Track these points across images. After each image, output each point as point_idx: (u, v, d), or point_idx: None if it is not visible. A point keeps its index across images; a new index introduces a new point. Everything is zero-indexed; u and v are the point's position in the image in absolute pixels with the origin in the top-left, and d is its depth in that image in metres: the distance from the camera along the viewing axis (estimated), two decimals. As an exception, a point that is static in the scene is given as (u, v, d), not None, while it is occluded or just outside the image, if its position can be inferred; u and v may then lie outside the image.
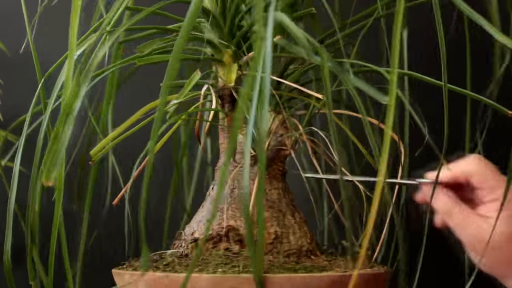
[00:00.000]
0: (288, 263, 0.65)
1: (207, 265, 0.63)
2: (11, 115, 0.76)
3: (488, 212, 0.65)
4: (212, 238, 0.68)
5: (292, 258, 0.68)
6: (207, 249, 0.68)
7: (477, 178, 0.66)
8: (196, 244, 0.69)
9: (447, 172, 0.66)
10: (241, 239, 0.68)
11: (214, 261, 0.64)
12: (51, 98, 0.66)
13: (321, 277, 0.61)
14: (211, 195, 0.74)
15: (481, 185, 0.66)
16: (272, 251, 0.67)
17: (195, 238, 0.70)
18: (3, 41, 1.08)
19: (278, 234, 0.69)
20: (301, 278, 0.60)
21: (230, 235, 0.68)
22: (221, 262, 0.63)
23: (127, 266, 0.71)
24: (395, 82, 0.58)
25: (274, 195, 0.72)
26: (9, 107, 0.77)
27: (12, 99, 0.79)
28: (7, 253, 0.67)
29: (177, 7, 0.81)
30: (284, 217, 0.71)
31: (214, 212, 0.69)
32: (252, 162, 0.73)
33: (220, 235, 0.68)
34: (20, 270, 0.71)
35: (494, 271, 0.66)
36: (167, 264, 0.66)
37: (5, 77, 1.08)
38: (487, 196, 0.66)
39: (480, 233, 0.64)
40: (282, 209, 0.71)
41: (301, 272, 0.62)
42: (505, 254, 0.64)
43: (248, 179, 0.51)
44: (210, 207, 0.72)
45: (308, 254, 0.70)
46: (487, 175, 0.65)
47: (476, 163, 0.66)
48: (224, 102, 0.76)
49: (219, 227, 0.69)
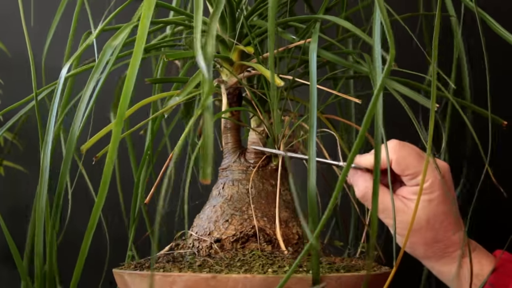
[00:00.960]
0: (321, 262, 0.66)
1: (250, 266, 0.62)
2: (11, 115, 0.71)
3: (408, 194, 0.67)
4: (240, 239, 0.68)
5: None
6: (236, 250, 0.67)
7: (396, 165, 0.66)
8: (221, 244, 0.68)
9: (368, 157, 0.67)
10: (270, 240, 0.68)
11: (255, 261, 0.63)
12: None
13: (362, 276, 0.63)
14: (222, 195, 0.72)
15: (401, 172, 0.66)
16: (299, 251, 0.68)
17: (218, 238, 0.68)
18: (3, 41, 1.07)
19: (300, 235, 0.70)
20: (347, 277, 0.62)
21: (260, 236, 0.68)
22: (266, 263, 0.63)
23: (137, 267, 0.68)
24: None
25: (288, 196, 0.73)
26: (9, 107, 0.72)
27: (12, 99, 0.73)
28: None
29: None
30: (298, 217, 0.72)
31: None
32: (265, 162, 0.73)
33: (248, 235, 0.68)
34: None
35: (414, 252, 0.68)
36: (201, 265, 0.64)
37: (5, 77, 1.08)
38: (409, 181, 0.67)
39: (397, 215, 0.65)
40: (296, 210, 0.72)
41: (342, 271, 0.64)
42: (424, 236, 0.66)
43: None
44: (226, 207, 0.71)
45: (321, 254, 0.72)
46: (406, 162, 0.65)
47: (395, 150, 0.66)
48: (231, 101, 0.75)
49: (242, 227, 0.68)
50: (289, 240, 0.69)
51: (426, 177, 0.65)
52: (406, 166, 0.65)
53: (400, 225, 0.66)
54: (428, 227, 0.65)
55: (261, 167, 0.73)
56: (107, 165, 0.52)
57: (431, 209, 0.65)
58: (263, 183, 0.72)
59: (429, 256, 0.67)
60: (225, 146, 0.75)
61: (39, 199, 0.59)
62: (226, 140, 0.75)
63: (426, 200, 0.65)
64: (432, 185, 0.65)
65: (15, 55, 1.06)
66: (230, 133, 0.75)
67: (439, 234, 0.66)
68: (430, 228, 0.65)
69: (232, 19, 0.74)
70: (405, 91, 0.63)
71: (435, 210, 0.65)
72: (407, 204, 0.66)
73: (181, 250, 0.71)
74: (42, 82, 0.70)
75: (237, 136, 0.75)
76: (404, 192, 0.67)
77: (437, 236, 0.66)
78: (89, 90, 0.60)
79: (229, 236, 0.68)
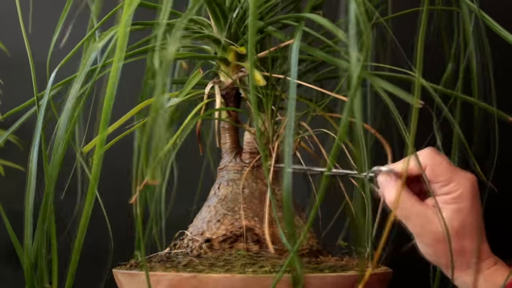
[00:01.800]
0: (310, 262, 0.66)
1: (233, 266, 0.62)
2: (11, 115, 0.73)
3: (438, 204, 0.66)
4: (228, 238, 0.68)
5: (305, 258, 0.68)
6: (224, 249, 0.67)
7: (429, 171, 0.66)
8: (211, 244, 0.68)
9: (400, 164, 0.67)
10: (259, 239, 0.67)
11: (238, 261, 0.63)
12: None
13: (349, 276, 0.62)
14: (217, 195, 0.73)
15: (433, 178, 0.66)
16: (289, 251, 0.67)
17: (208, 238, 0.68)
18: (3, 41, 1.07)
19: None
20: (332, 278, 0.61)
21: (248, 236, 0.68)
22: (248, 263, 0.63)
23: (132, 266, 0.69)
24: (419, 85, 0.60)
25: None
26: (9, 107, 0.74)
27: (12, 99, 0.76)
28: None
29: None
30: (293, 218, 0.71)
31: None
32: (259, 162, 0.73)
33: (237, 235, 0.68)
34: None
35: (439, 261, 0.68)
36: (186, 264, 0.65)
37: (5, 77, 1.08)
38: (439, 189, 0.67)
39: (426, 224, 0.66)
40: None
41: (327, 271, 0.63)
42: (452, 245, 0.65)
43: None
44: (219, 207, 0.71)
45: (317, 254, 0.71)
46: (439, 168, 0.66)
47: (430, 156, 0.66)
48: (228, 101, 0.75)
49: (232, 227, 0.68)
50: (279, 240, 0.68)
51: (456, 187, 0.66)
52: (439, 173, 0.66)
53: (428, 235, 0.66)
54: (457, 236, 0.65)
55: (256, 167, 0.73)
56: (94, 169, 0.53)
57: (460, 218, 0.65)
58: (257, 183, 0.72)
59: (455, 266, 0.67)
60: (223, 146, 0.76)
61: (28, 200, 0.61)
62: (224, 140, 0.75)
63: (456, 209, 0.66)
64: (461, 195, 0.66)
65: (15, 55, 1.05)
66: (228, 133, 0.75)
67: (466, 243, 0.66)
68: (459, 237, 0.66)
69: (225, 20, 0.74)
70: (388, 87, 0.61)
71: (464, 220, 0.65)
72: (435, 213, 0.66)
73: (177, 250, 0.71)
74: (43, 82, 0.71)
75: (235, 136, 0.75)
76: (434, 201, 0.67)
77: (465, 246, 0.66)
78: (74, 93, 0.62)
79: (219, 236, 0.68)
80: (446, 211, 0.65)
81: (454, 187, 0.65)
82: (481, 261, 0.68)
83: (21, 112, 0.72)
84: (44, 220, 0.63)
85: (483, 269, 0.68)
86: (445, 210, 0.65)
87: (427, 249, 0.67)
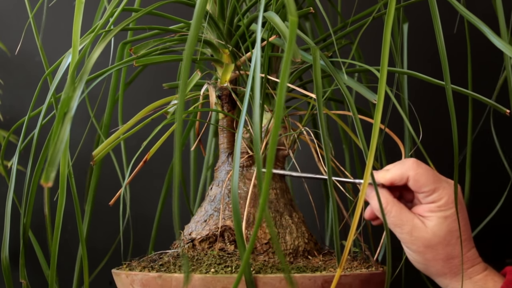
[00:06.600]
0: (292, 262, 0.65)
1: (200, 265, 0.63)
2: (11, 115, 0.77)
3: (424, 212, 0.67)
4: (208, 238, 0.69)
5: (288, 258, 0.68)
6: (203, 249, 0.68)
7: (413, 183, 0.67)
8: (193, 244, 0.69)
9: (384, 173, 0.68)
10: (235, 239, 0.68)
11: (208, 261, 0.64)
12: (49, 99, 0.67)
13: (314, 277, 0.61)
14: (209, 195, 0.74)
15: (417, 189, 0.67)
16: (268, 251, 0.67)
17: (192, 238, 0.70)
18: (3, 41, 1.07)
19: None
20: (297, 278, 0.60)
21: (226, 235, 0.68)
22: (214, 262, 0.63)
23: (125, 266, 0.71)
24: (385, 80, 0.58)
25: (271, 195, 0.72)
26: (9, 107, 0.78)
27: (12, 99, 0.79)
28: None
29: (172, 8, 0.82)
30: (282, 217, 0.71)
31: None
32: (250, 162, 0.73)
33: (216, 235, 0.68)
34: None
35: (428, 270, 0.68)
36: (162, 264, 0.66)
37: (5, 77, 1.07)
38: (424, 199, 0.67)
39: (414, 231, 0.66)
40: (279, 209, 0.71)
41: (294, 272, 0.62)
42: (441, 252, 0.66)
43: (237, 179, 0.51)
44: (208, 208, 0.72)
45: (305, 254, 0.70)
46: (423, 180, 0.66)
47: (413, 167, 0.67)
48: (223, 102, 0.76)
49: (216, 227, 0.69)
50: (259, 240, 0.68)
51: (441, 195, 0.67)
52: (423, 183, 0.67)
53: (416, 242, 0.67)
54: (445, 243, 0.66)
55: (245, 167, 0.73)
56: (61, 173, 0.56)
57: (447, 225, 0.66)
58: (244, 183, 0.72)
59: (445, 272, 0.68)
60: (220, 147, 0.76)
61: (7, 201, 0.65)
62: (221, 141, 0.76)
63: (442, 216, 0.66)
64: (447, 202, 0.66)
65: (14, 54, 1.01)
66: (224, 134, 0.76)
67: (455, 250, 0.66)
68: (447, 244, 0.66)
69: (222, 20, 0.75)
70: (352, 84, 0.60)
71: (451, 226, 0.66)
72: (423, 221, 0.67)
73: (172, 250, 0.73)
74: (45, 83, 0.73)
75: (231, 137, 0.76)
76: (420, 210, 0.68)
77: (454, 252, 0.66)
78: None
79: (202, 236, 0.69)
80: (432, 219, 0.66)
81: (439, 195, 0.66)
82: (470, 267, 0.68)
83: (21, 113, 0.75)
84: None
85: (473, 275, 0.68)
86: (431, 218, 0.66)
87: (416, 257, 0.67)
